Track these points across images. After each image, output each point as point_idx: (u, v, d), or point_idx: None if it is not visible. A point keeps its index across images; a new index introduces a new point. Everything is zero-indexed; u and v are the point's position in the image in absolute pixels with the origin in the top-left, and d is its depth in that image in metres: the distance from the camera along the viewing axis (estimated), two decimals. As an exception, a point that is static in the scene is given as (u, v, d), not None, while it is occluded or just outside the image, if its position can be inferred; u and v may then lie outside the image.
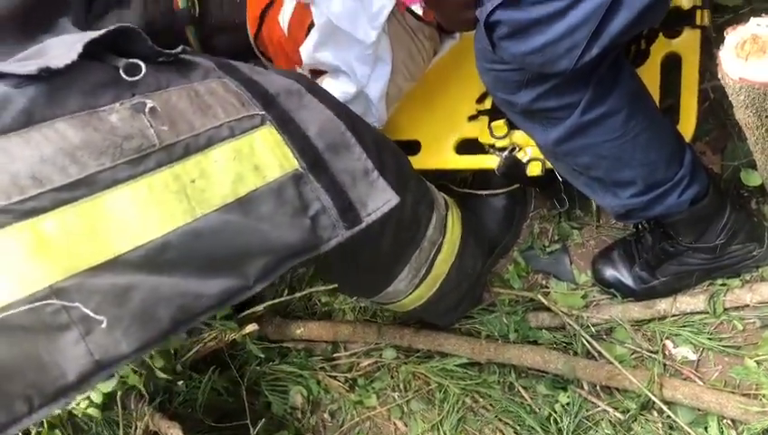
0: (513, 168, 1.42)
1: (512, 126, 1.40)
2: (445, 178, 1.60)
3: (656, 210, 1.19)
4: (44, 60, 0.78)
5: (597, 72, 1.03)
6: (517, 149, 1.41)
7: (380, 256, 1.24)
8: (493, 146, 1.44)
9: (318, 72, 1.41)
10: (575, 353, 1.45)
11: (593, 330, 1.44)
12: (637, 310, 1.41)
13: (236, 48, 1.55)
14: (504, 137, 1.41)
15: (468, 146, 1.50)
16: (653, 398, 1.32)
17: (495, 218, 1.60)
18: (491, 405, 1.52)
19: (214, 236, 0.84)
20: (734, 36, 0.85)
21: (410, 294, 1.36)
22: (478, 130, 1.46)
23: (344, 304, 1.76)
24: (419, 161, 1.52)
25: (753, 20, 0.85)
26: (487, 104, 1.45)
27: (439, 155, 1.51)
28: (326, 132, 0.97)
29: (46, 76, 0.78)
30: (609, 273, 1.45)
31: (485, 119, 1.45)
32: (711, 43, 1.29)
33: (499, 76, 1.06)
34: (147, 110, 0.82)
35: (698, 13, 1.30)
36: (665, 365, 1.38)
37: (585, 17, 0.88)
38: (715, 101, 1.39)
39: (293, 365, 1.74)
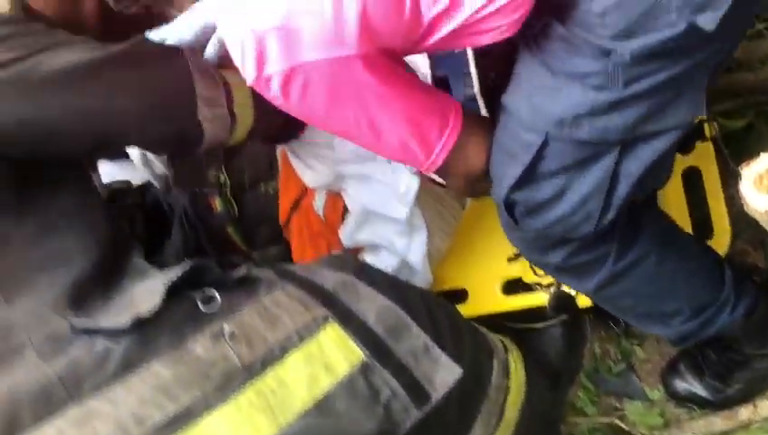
0: (563, 301, 1.45)
1: (552, 262, 1.44)
2: (497, 317, 1.63)
3: (710, 331, 1.20)
4: (133, 311, 0.86)
5: (619, 223, 1.06)
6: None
7: (449, 416, 1.25)
8: (539, 284, 1.48)
9: (357, 249, 1.48)
10: (667, 476, 1.42)
11: (679, 448, 1.42)
12: (719, 422, 1.39)
13: (276, 238, 1.64)
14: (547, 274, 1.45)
15: (515, 286, 1.54)
16: None
17: (556, 349, 1.60)
18: None
19: None
20: (749, 172, 0.89)
21: None
22: (521, 270, 1.50)
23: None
24: (469, 308, 1.55)
25: (763, 155, 0.90)
26: (524, 245, 1.50)
27: (488, 299, 1.55)
28: (384, 318, 1.02)
29: (137, 325, 0.86)
30: (681, 386, 1.43)
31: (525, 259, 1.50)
32: (723, 152, 1.34)
33: (527, 243, 1.12)
34: (226, 336, 0.89)
35: (706, 126, 1.36)
36: (762, 474, 1.34)
37: (590, 191, 0.94)
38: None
39: None
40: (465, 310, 1.57)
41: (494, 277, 1.54)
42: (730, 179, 1.36)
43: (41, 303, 0.89)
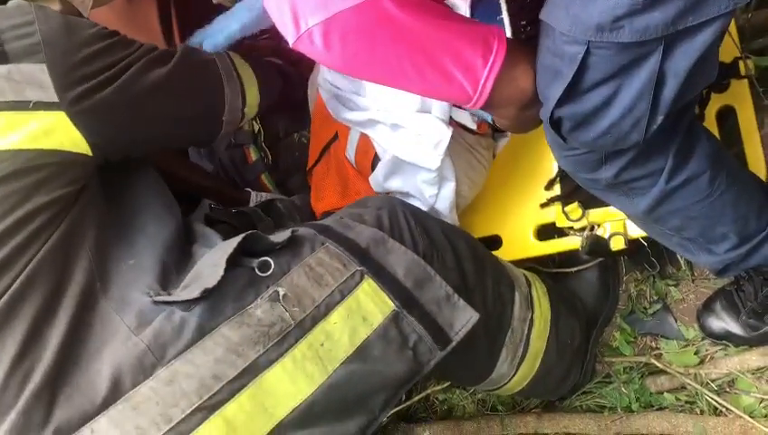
0: (597, 245, 1.46)
1: (586, 206, 1.45)
2: (532, 261, 1.65)
3: (753, 261, 1.20)
4: (201, 282, 0.99)
5: (674, 140, 1.06)
6: (596, 227, 1.46)
7: (476, 348, 1.31)
8: (571, 228, 1.49)
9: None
10: (702, 412, 1.44)
11: (714, 385, 1.43)
12: (754, 358, 1.40)
13: (308, 186, 1.67)
14: (581, 218, 1.46)
15: (548, 231, 1.55)
16: (794, 446, 1.30)
17: (592, 292, 1.62)
18: (629, 481, 1.52)
19: (344, 385, 1.03)
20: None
21: (515, 375, 1.40)
22: (553, 216, 1.51)
23: (463, 399, 1.80)
24: (503, 254, 1.57)
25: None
26: (556, 190, 1.51)
27: (521, 245, 1.57)
28: (411, 272, 1.13)
29: (206, 295, 0.98)
30: (717, 325, 1.45)
31: (558, 204, 1.51)
32: (758, 90, 1.31)
33: (578, 160, 1.10)
34: (281, 298, 1.02)
35: (741, 63, 1.33)
36: (798, 409, 1.36)
37: (637, 94, 0.92)
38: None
39: (427, 469, 1.78)
40: (500, 256, 1.59)
41: (527, 223, 1.56)
42: (765, 117, 1.34)
43: (130, 288, 1.02)
